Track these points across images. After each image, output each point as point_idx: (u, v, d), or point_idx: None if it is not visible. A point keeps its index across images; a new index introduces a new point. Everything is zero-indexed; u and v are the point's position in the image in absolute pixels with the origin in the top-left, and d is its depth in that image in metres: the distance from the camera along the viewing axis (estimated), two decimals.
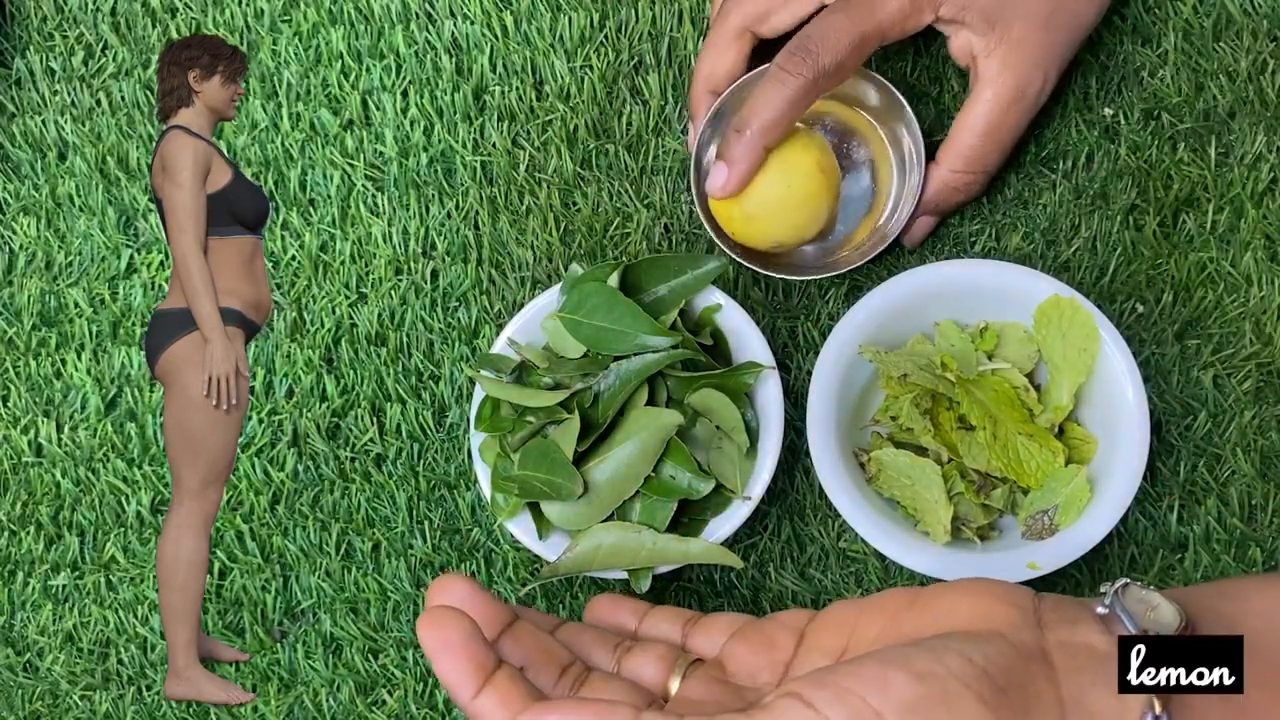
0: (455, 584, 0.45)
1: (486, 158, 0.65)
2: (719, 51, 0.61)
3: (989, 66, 0.58)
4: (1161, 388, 0.61)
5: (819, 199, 0.58)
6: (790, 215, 0.58)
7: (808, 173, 0.58)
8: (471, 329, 0.64)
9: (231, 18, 0.67)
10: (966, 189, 0.60)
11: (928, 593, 0.42)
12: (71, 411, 0.66)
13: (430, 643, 0.41)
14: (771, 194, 0.58)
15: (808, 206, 0.58)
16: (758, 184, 0.58)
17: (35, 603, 0.65)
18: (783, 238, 0.59)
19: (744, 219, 0.59)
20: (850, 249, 0.63)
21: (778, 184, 0.58)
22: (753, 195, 0.58)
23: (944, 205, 0.61)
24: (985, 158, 0.59)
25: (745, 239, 0.60)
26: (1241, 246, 0.61)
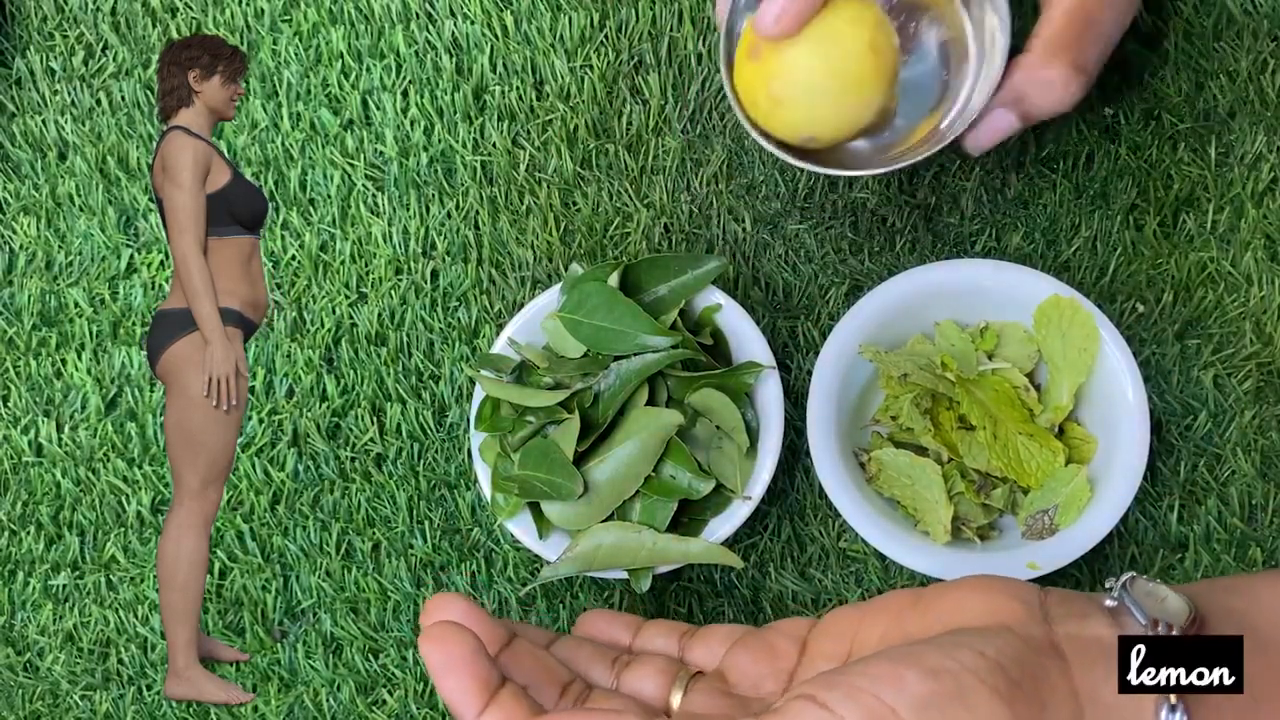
0: (452, 602, 0.43)
1: (487, 157, 0.65)
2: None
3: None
4: (1162, 387, 0.61)
5: (866, 86, 0.49)
6: (827, 104, 0.49)
7: (854, 52, 0.48)
8: (471, 329, 0.64)
9: (232, 17, 0.67)
10: (1058, 86, 0.51)
11: (930, 592, 0.42)
12: (72, 411, 0.66)
13: (434, 660, 0.40)
14: (805, 74, 0.49)
15: (851, 95, 0.49)
16: (789, 59, 0.48)
17: (35, 602, 0.65)
18: (815, 131, 0.50)
19: (770, 103, 0.50)
20: (906, 149, 0.54)
21: (814, 62, 0.48)
22: (782, 73, 0.49)
23: (1028, 104, 0.52)
24: (1081, 49, 0.51)
25: (772, 127, 0.51)
26: (1242, 246, 0.61)
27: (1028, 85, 0.51)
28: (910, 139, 0.54)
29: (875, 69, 0.49)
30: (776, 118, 0.50)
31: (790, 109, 0.50)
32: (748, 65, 0.51)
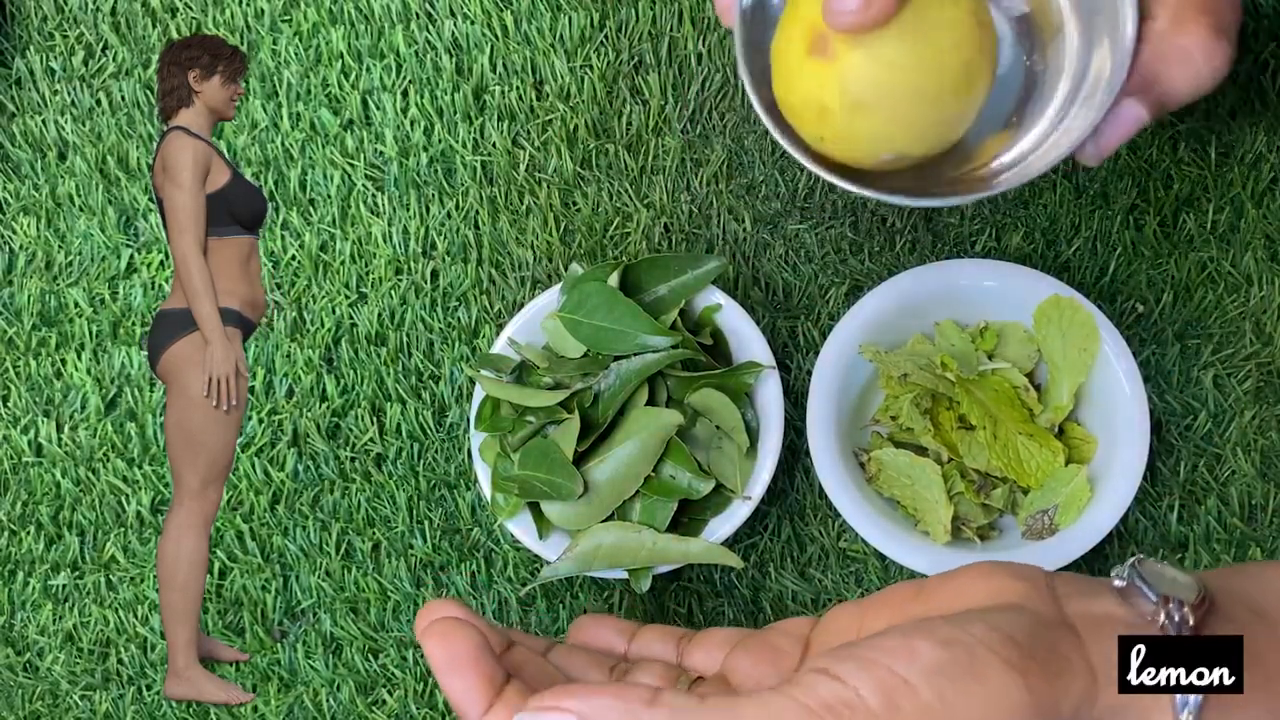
0: (448, 606, 0.42)
1: (486, 157, 0.65)
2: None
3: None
4: (1162, 387, 0.61)
5: (975, 78, 0.38)
6: (925, 108, 0.37)
7: (961, 33, 0.37)
8: (471, 329, 0.64)
9: (232, 17, 0.67)
10: (1199, 58, 0.40)
11: (933, 581, 0.42)
12: (71, 411, 0.66)
13: (438, 657, 0.39)
14: (903, 68, 0.37)
15: (957, 93, 0.37)
16: (879, 51, 0.37)
17: (35, 602, 0.65)
18: (907, 145, 0.38)
19: (847, 110, 0.37)
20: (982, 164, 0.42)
21: (916, 51, 0.37)
22: (868, 70, 0.36)
23: (1162, 87, 0.40)
24: (1218, 6, 0.40)
25: (843, 147, 0.39)
26: (1242, 246, 0.61)
27: (1160, 63, 0.40)
28: (981, 153, 0.43)
29: (984, 54, 0.38)
30: (853, 130, 0.38)
31: (874, 116, 0.38)
32: (810, 66, 0.38)
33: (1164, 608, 0.39)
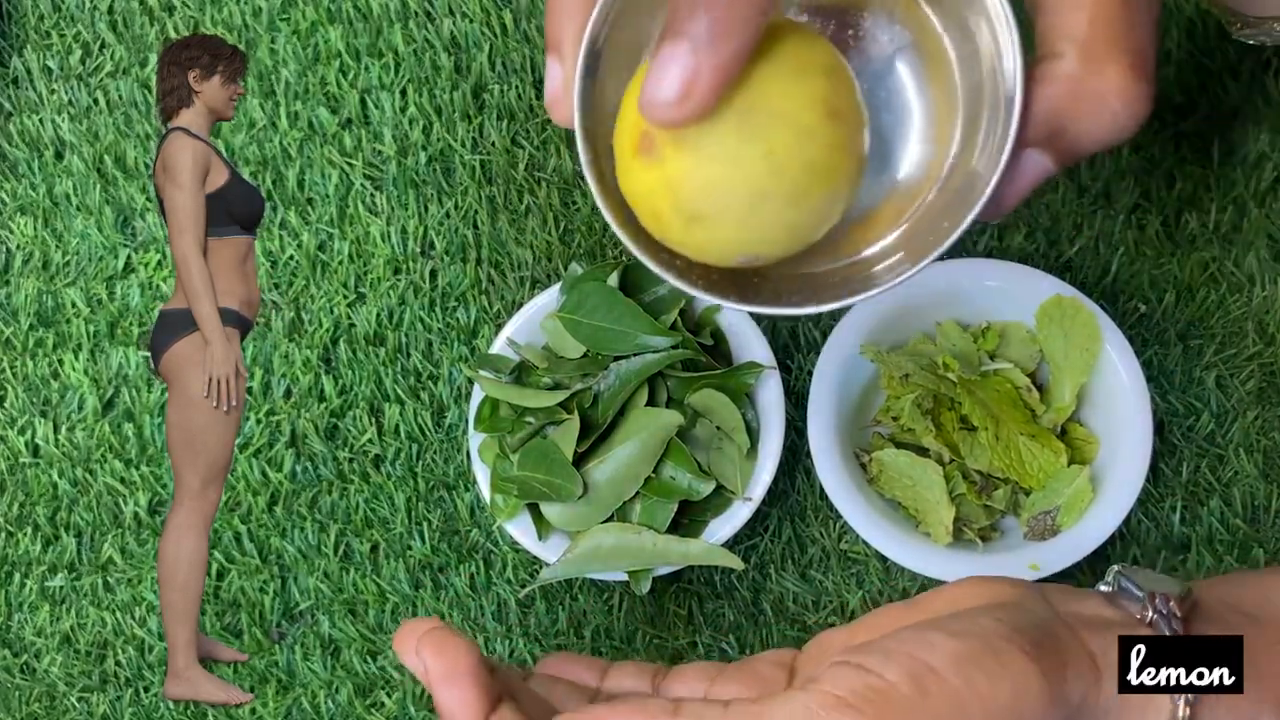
0: (432, 623, 0.39)
1: (486, 156, 0.65)
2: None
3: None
4: (1164, 388, 0.60)
5: (831, 173, 0.32)
6: (772, 212, 0.31)
7: (806, 124, 0.31)
8: (470, 329, 0.64)
9: (229, 16, 0.67)
10: (1114, 101, 0.33)
11: (923, 596, 0.42)
12: (69, 412, 0.65)
13: (435, 668, 0.37)
14: (735, 173, 0.31)
15: (810, 192, 0.32)
16: (707, 151, 0.31)
17: (32, 604, 0.65)
18: (758, 249, 0.33)
19: (682, 220, 0.32)
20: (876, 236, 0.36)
21: (748, 152, 0.31)
22: (697, 176, 0.31)
23: (1071, 136, 0.34)
24: (1134, 40, 0.33)
25: (691, 252, 0.34)
26: (1244, 246, 0.61)
27: (1070, 110, 0.34)
28: (875, 218, 0.36)
29: (838, 149, 0.32)
30: (695, 240, 0.32)
31: (714, 226, 0.32)
32: (637, 167, 0.32)
33: (1150, 603, 0.39)
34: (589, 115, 0.35)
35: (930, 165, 0.36)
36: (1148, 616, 0.39)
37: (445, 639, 0.38)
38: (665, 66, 0.30)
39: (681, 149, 0.31)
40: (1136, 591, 0.39)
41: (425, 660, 0.37)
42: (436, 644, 0.38)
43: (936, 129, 0.36)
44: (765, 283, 0.36)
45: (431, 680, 0.37)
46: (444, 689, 0.37)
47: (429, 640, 0.37)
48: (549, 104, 0.37)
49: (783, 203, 0.32)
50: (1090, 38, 0.33)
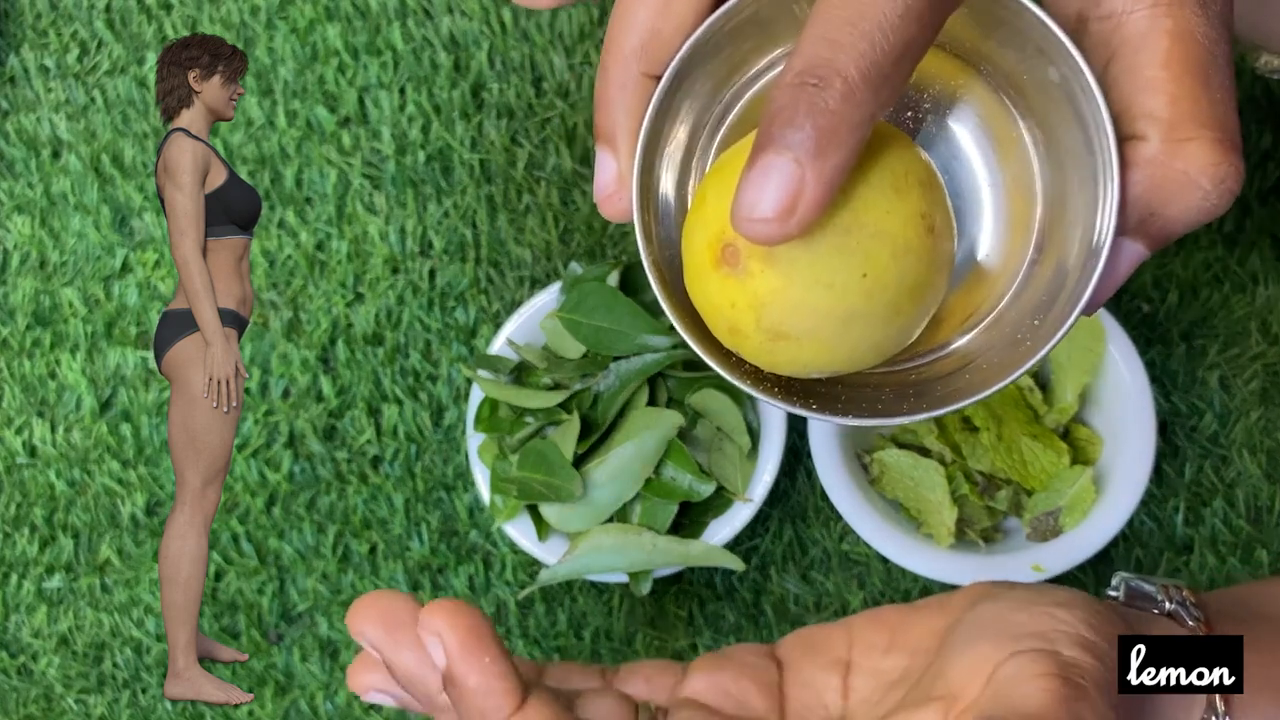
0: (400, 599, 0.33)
1: (485, 155, 0.65)
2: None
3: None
4: (1167, 388, 0.60)
5: (924, 290, 0.30)
6: (862, 331, 0.30)
7: (905, 243, 0.29)
8: (469, 328, 0.64)
9: (227, 14, 0.66)
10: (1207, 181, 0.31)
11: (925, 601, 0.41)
12: (66, 412, 0.65)
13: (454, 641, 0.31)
14: (831, 294, 0.29)
15: (902, 312, 0.30)
16: (802, 272, 0.29)
17: (29, 605, 0.64)
18: (839, 367, 0.31)
19: (766, 337, 0.30)
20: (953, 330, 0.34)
21: (846, 275, 0.29)
22: (789, 296, 0.29)
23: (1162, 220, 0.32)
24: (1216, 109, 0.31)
25: (763, 364, 0.32)
26: (1247, 245, 0.60)
27: (1159, 194, 0.31)
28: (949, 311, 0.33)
29: (934, 266, 0.30)
30: (773, 357, 0.31)
31: (799, 346, 0.30)
32: (715, 278, 0.30)
33: (1166, 594, 0.39)
34: (646, 211, 0.33)
35: (1006, 255, 0.34)
36: (1165, 606, 0.39)
37: (455, 610, 0.31)
38: (764, 178, 0.27)
39: (772, 266, 0.29)
40: (1148, 587, 0.39)
41: (440, 632, 0.31)
42: (450, 613, 0.31)
43: (1010, 216, 0.34)
44: (843, 389, 0.33)
45: (451, 656, 0.31)
46: (469, 665, 0.31)
47: (442, 610, 0.31)
48: (600, 199, 0.34)
49: (875, 323, 0.30)
50: (1172, 118, 0.31)
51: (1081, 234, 0.32)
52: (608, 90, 0.33)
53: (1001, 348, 0.33)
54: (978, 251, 0.34)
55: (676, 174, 0.34)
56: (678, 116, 0.33)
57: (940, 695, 0.34)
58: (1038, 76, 0.32)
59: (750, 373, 0.32)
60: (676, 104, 0.33)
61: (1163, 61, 0.31)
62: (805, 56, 0.27)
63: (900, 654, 0.39)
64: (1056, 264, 0.33)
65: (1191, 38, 0.31)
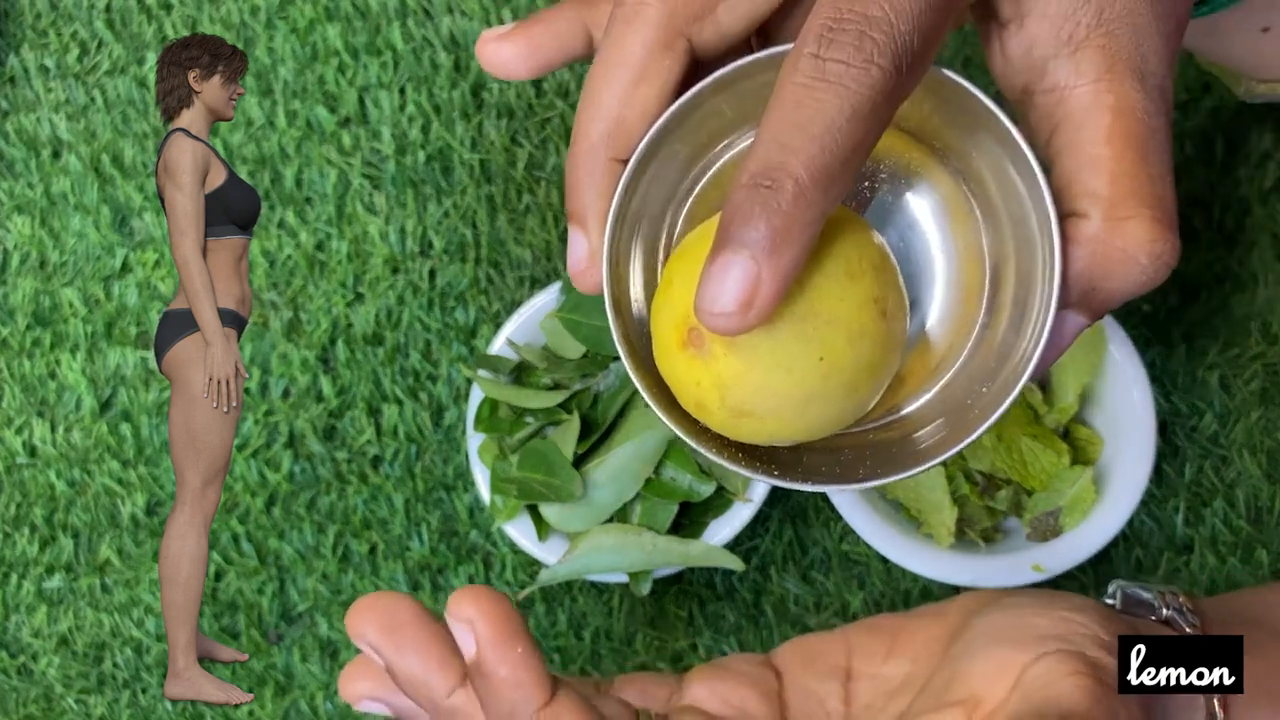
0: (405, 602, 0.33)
1: (485, 155, 0.65)
2: (628, 76, 0.34)
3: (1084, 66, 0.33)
4: (1168, 388, 0.60)
5: (877, 368, 0.32)
6: (820, 409, 0.32)
7: (860, 327, 0.31)
8: (469, 328, 0.64)
9: (227, 14, 0.66)
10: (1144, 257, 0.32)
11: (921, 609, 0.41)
12: (66, 412, 0.65)
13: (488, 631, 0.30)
14: (789, 377, 0.31)
15: (857, 389, 0.32)
16: (762, 356, 0.31)
17: (29, 605, 0.64)
18: (799, 438, 0.33)
19: (729, 414, 0.32)
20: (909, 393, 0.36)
21: (803, 359, 0.31)
22: (750, 379, 0.31)
23: (1103, 294, 0.33)
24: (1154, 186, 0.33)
25: (732, 435, 0.34)
26: (1248, 246, 0.60)
27: (1099, 270, 0.33)
28: (905, 374, 0.36)
29: (888, 343, 0.32)
30: (737, 430, 0.33)
31: (761, 422, 0.32)
32: (682, 358, 0.32)
33: (1162, 600, 0.39)
34: (616, 285, 0.35)
35: (958, 320, 0.36)
36: (1162, 613, 0.39)
37: (491, 594, 0.31)
38: (724, 274, 0.29)
39: (734, 351, 0.31)
40: (1144, 594, 0.39)
41: (472, 620, 0.30)
42: (482, 600, 0.31)
43: (962, 283, 0.35)
44: (805, 452, 0.35)
45: (482, 645, 0.30)
46: (500, 655, 0.30)
47: (473, 597, 0.31)
48: (573, 274, 0.36)
49: (832, 401, 0.32)
50: (1113, 196, 0.32)
51: (1025, 304, 0.33)
52: (577, 174, 0.35)
53: (953, 412, 0.35)
54: (929, 318, 0.36)
55: (645, 247, 0.36)
56: (645, 195, 0.35)
57: (960, 699, 0.34)
58: (984, 153, 0.33)
59: (715, 439, 0.34)
60: (643, 184, 0.35)
61: (1105, 138, 0.32)
62: (759, 159, 0.28)
63: (901, 660, 0.39)
64: (1002, 332, 0.34)
65: (1132, 113, 0.32)
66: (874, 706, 0.38)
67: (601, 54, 0.34)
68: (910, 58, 0.29)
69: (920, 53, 0.29)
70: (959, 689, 0.35)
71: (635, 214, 0.35)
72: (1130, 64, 0.32)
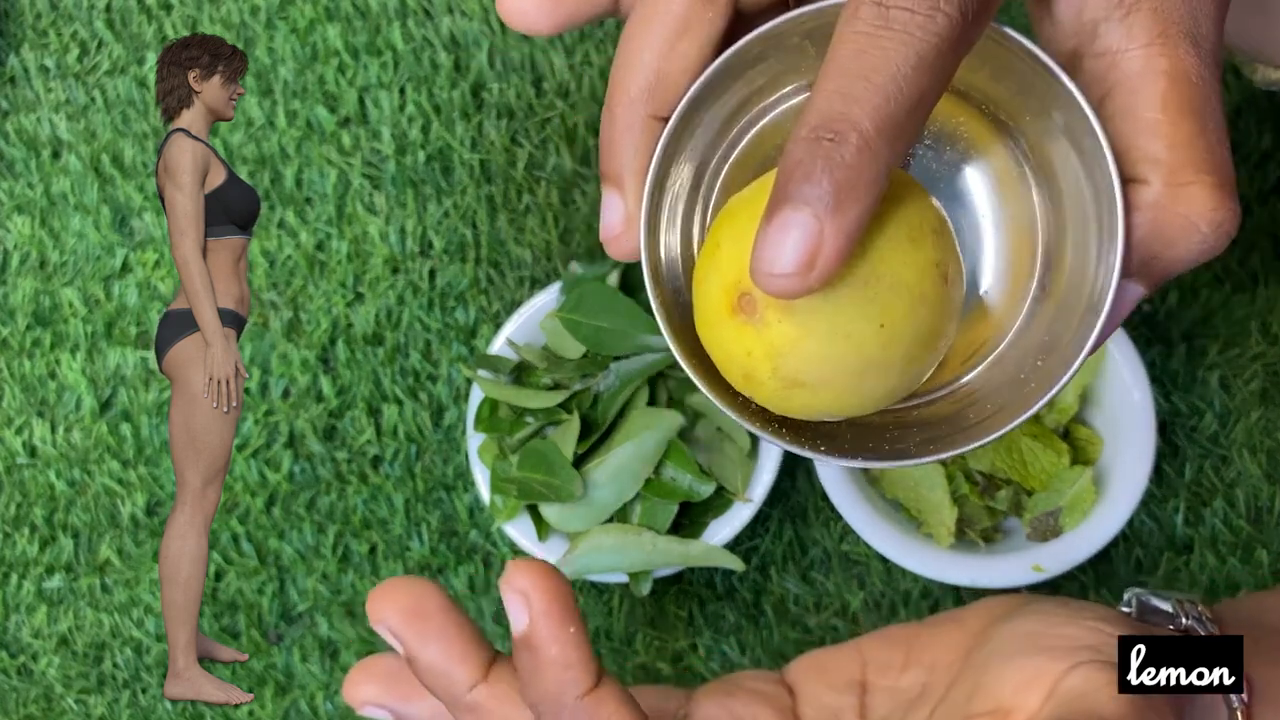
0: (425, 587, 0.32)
1: (485, 155, 0.65)
2: (669, 30, 0.32)
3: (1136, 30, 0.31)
4: (1168, 388, 0.60)
5: (937, 336, 0.31)
6: (877, 379, 0.30)
7: (921, 292, 0.30)
8: (469, 329, 0.64)
9: (227, 14, 0.66)
10: (1205, 224, 0.31)
11: (937, 617, 0.41)
12: (66, 412, 0.65)
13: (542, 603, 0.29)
14: (848, 345, 0.29)
15: (916, 359, 0.31)
16: (819, 323, 0.29)
17: (29, 605, 0.64)
18: (852, 412, 0.32)
19: (782, 385, 0.30)
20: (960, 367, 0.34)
21: (864, 326, 0.29)
22: (806, 346, 0.29)
23: (1164, 261, 0.32)
24: (1213, 153, 0.32)
25: (780, 410, 0.32)
26: (1248, 246, 0.60)
27: (1159, 238, 0.32)
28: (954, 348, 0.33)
29: (947, 314, 0.31)
30: (787, 403, 0.31)
31: (814, 394, 0.30)
32: (730, 325, 0.30)
33: (1180, 609, 0.39)
34: (653, 251, 0.33)
35: (1008, 293, 0.34)
36: (1181, 622, 0.38)
37: (547, 568, 0.30)
38: (783, 234, 0.27)
39: (789, 316, 0.29)
40: (1162, 604, 0.39)
41: (526, 592, 0.30)
42: (538, 574, 0.30)
43: (1012, 254, 0.34)
44: (849, 428, 0.33)
45: (536, 619, 0.29)
46: (552, 633, 0.29)
47: (530, 570, 0.30)
48: (607, 239, 0.34)
49: (890, 372, 0.30)
50: (1173, 163, 0.31)
51: (1083, 274, 0.32)
52: (614, 132, 0.33)
53: (1005, 386, 0.33)
54: (980, 287, 0.34)
55: (683, 213, 0.34)
56: (684, 156, 0.33)
57: (987, 710, 0.34)
58: (1040, 118, 0.32)
59: (758, 414, 0.33)
60: (683, 144, 0.33)
61: (1160, 104, 0.31)
62: (820, 110, 0.27)
63: (917, 670, 0.38)
64: (1058, 304, 0.33)
65: (1186, 79, 0.31)
66: (891, 719, 0.37)
67: (640, 6, 0.32)
68: (976, 4, 0.27)
69: (985, 1, 0.28)
70: (985, 699, 0.34)
71: (673, 176, 0.33)
72: (1183, 27, 0.31)
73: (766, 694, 0.37)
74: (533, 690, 0.30)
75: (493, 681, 0.31)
